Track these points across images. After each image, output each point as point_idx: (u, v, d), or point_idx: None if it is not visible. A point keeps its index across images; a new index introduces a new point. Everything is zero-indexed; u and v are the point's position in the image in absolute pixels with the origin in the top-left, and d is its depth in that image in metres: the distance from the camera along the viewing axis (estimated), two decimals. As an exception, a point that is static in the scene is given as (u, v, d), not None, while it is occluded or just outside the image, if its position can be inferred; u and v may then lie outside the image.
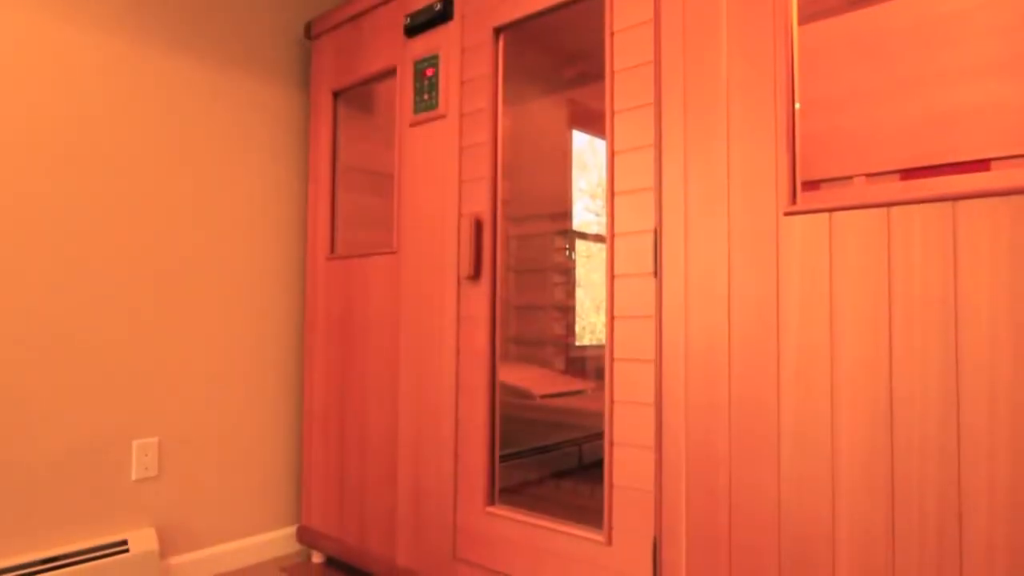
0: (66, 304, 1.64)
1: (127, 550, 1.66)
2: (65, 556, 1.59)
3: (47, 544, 1.60)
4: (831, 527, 1.07)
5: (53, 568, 1.54)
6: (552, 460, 1.61)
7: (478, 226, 1.59)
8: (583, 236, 1.66)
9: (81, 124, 1.68)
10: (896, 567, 1.01)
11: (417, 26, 1.74)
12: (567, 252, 1.69)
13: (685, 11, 1.27)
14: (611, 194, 1.36)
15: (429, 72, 1.72)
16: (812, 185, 1.21)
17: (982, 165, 1.06)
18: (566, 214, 1.69)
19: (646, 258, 1.31)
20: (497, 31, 1.60)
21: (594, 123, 1.53)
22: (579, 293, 1.66)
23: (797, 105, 1.15)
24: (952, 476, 0.97)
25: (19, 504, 1.56)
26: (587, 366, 1.62)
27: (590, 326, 1.62)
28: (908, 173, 1.12)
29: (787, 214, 1.13)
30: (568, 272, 1.69)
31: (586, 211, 1.64)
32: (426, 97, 1.72)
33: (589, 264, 1.64)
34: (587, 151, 1.65)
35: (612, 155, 1.36)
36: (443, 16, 1.68)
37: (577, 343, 1.65)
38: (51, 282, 1.62)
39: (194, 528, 1.88)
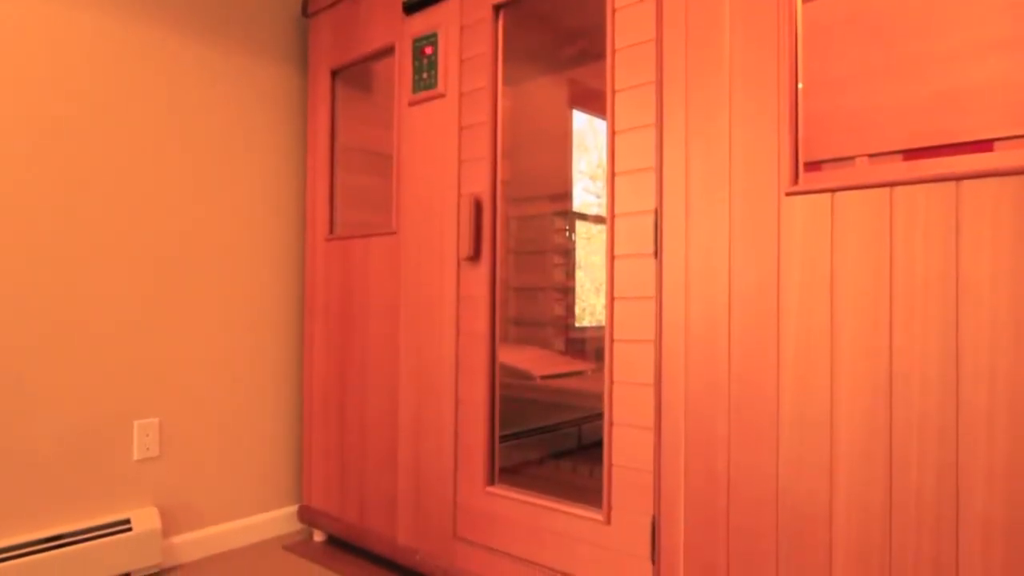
0: (66, 287, 1.64)
1: (130, 529, 1.68)
2: (68, 535, 1.60)
3: (50, 523, 1.62)
4: (829, 508, 1.08)
5: (56, 547, 1.56)
6: (552, 440, 1.62)
7: (478, 207, 1.59)
8: (583, 217, 1.65)
9: (79, 107, 1.66)
10: (893, 547, 1.02)
11: (416, 3, 1.72)
12: (567, 233, 1.68)
13: (688, -12, 1.25)
14: (611, 174, 1.36)
15: (428, 50, 1.70)
16: (814, 165, 1.20)
17: (986, 145, 1.05)
18: (566, 195, 1.69)
19: (646, 239, 1.30)
20: (497, 8, 1.58)
21: (595, 103, 1.52)
22: (579, 274, 1.65)
23: (800, 84, 1.14)
24: (950, 458, 0.97)
25: (22, 484, 1.57)
26: (587, 347, 1.63)
27: (590, 307, 1.62)
28: (911, 153, 1.11)
29: (789, 194, 1.12)
30: (568, 253, 1.68)
31: (586, 192, 1.63)
32: (425, 76, 1.70)
33: (589, 245, 1.63)
34: (587, 131, 1.64)
35: (613, 135, 1.35)
36: (442, -7, 1.66)
37: (577, 324, 1.65)
38: (52, 265, 1.61)
39: (196, 507, 1.89)
